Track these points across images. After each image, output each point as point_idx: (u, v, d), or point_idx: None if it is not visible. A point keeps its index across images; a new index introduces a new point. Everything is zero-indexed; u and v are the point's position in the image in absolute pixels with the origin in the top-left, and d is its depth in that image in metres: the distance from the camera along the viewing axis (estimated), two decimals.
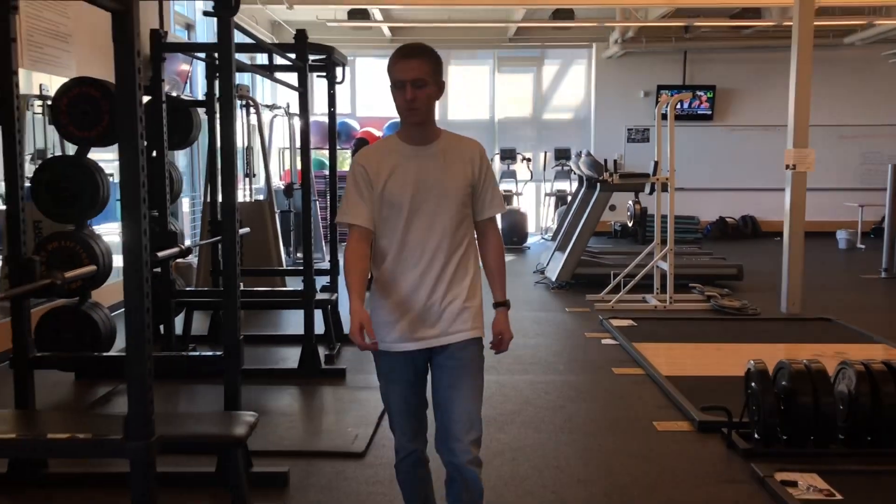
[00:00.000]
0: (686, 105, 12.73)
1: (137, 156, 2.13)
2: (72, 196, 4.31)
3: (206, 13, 2.93)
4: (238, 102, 7.57)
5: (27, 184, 3.95)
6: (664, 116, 7.43)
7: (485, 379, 2.41)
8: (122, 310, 2.08)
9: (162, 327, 5.16)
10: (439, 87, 2.27)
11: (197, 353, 5.29)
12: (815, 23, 6.79)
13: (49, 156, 5.79)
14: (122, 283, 2.05)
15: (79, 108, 4.31)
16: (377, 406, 4.10)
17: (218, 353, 3.31)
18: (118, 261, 3.22)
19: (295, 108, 9.79)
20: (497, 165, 12.43)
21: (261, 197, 8.71)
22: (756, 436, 3.60)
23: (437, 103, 2.36)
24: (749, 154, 12.64)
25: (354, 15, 10.73)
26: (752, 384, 3.63)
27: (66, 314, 4.40)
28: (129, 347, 2.15)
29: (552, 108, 13.72)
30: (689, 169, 11.78)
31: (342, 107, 11.37)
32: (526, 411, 4.20)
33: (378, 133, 12.68)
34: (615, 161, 9.41)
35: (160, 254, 4.43)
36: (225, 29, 3.01)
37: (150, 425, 2.17)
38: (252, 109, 8.01)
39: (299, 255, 8.98)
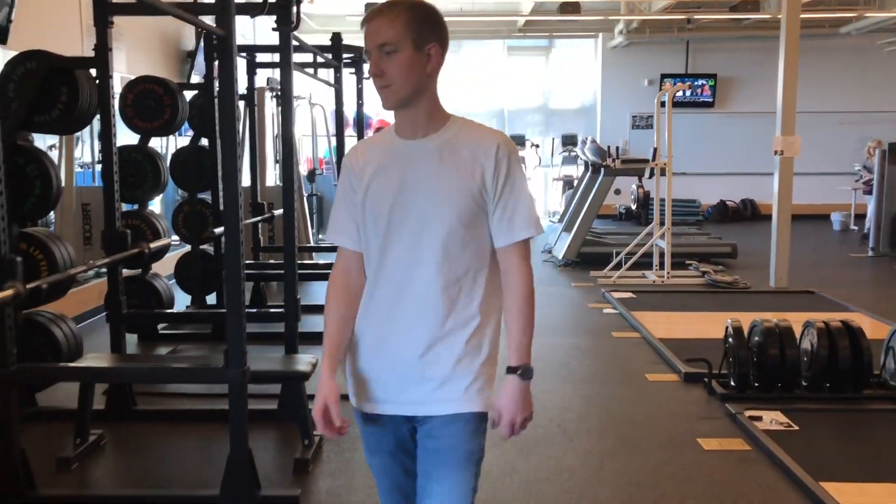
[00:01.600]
0: (689, 93, 13.28)
1: (235, 147, 2.77)
2: (137, 180, 4.97)
3: (274, 29, 3.55)
4: (269, 94, 8.21)
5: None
6: (663, 104, 8.02)
7: None
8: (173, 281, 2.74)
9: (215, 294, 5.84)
10: (426, 53, 1.61)
11: (264, 310, 6.02)
12: (808, 15, 7.33)
13: None
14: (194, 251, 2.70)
15: (143, 103, 4.96)
16: None
17: (280, 308, 3.97)
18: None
19: (315, 99, 10.44)
20: None
21: None
22: (732, 383, 4.23)
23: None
24: (749, 140, 13.19)
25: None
26: (730, 340, 4.26)
27: (134, 283, 5.05)
28: (228, 297, 2.82)
29: (559, 96, 14.30)
30: (691, 154, 12.37)
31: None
32: (535, 366, 4.82)
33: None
34: (618, 147, 9.99)
35: (216, 230, 5.08)
36: (285, 40, 3.64)
37: (244, 357, 2.82)
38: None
39: (321, 235, 9.67)
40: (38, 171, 3.51)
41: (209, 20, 2.81)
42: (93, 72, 3.83)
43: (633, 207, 11.14)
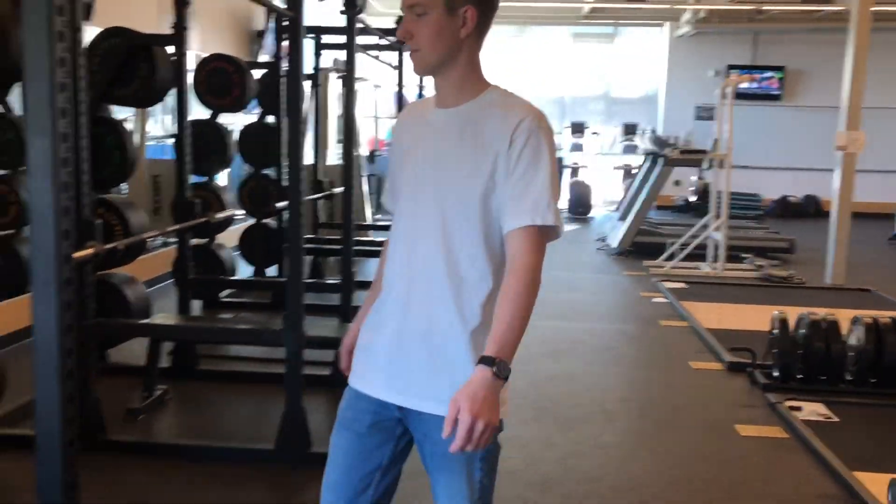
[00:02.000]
0: (755, 85, 13.05)
1: (299, 126, 2.95)
2: (207, 153, 5.21)
3: (342, 12, 3.73)
4: (334, 75, 8.42)
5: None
6: (726, 95, 7.96)
7: (541, 326, 2.01)
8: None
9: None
10: (460, 17, 1.47)
11: (323, 281, 6.27)
12: (881, 7, 7.16)
13: None
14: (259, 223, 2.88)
15: (215, 80, 5.20)
16: None
17: (337, 281, 4.16)
18: None
19: (378, 81, 10.63)
20: (566, 138, 13.03)
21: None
22: (775, 374, 4.26)
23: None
24: (815, 135, 12.88)
25: None
26: (775, 331, 4.29)
27: (200, 252, 5.31)
28: (289, 265, 3.00)
29: (622, 85, 14.21)
30: (755, 148, 12.18)
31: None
32: (578, 349, 4.93)
33: None
34: (676, 138, 9.93)
35: (278, 204, 5.31)
36: (351, 23, 3.81)
37: (302, 321, 3.01)
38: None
39: (378, 214, 9.88)
40: (117, 142, 3.76)
41: (279, 2, 2.98)
42: (169, 49, 4.06)
43: (693, 199, 11.07)
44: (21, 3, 1.48)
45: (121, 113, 6.44)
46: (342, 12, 3.74)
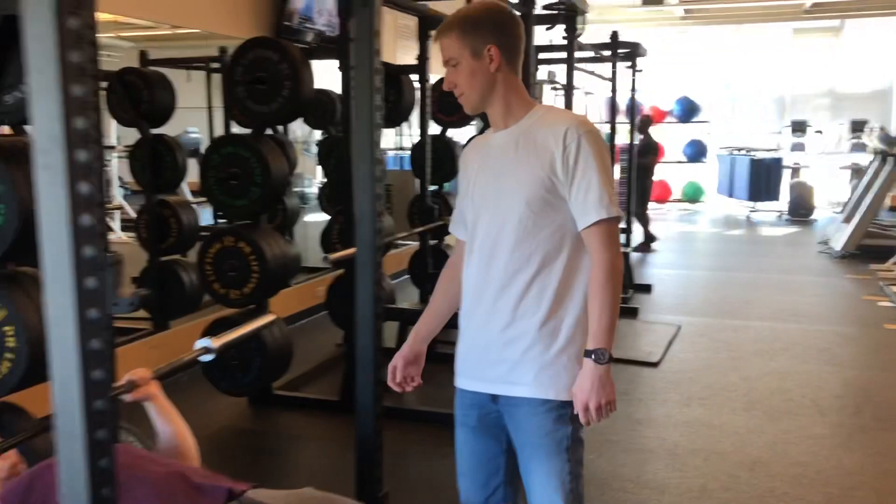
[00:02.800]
0: None
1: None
2: (439, 164, 5.85)
3: (563, 37, 4.18)
4: (547, 86, 8.91)
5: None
6: None
7: (755, 326, 2.20)
8: None
9: None
10: (486, 57, 1.70)
11: None
12: None
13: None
14: None
15: (445, 100, 5.83)
16: (668, 334, 5.18)
17: None
18: None
19: (589, 88, 10.97)
20: (786, 138, 12.57)
21: None
22: None
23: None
24: None
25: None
26: None
27: (434, 251, 5.98)
28: None
29: (849, 80, 13.43)
30: None
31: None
32: (794, 349, 5.00)
33: (664, 109, 13.43)
34: None
35: None
36: (570, 46, 4.25)
37: None
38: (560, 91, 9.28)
39: None
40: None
41: None
42: (412, 76, 4.73)
43: None
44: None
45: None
46: (564, 38, 4.19)
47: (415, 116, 5.20)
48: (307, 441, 3.66)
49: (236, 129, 4.81)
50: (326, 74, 4.33)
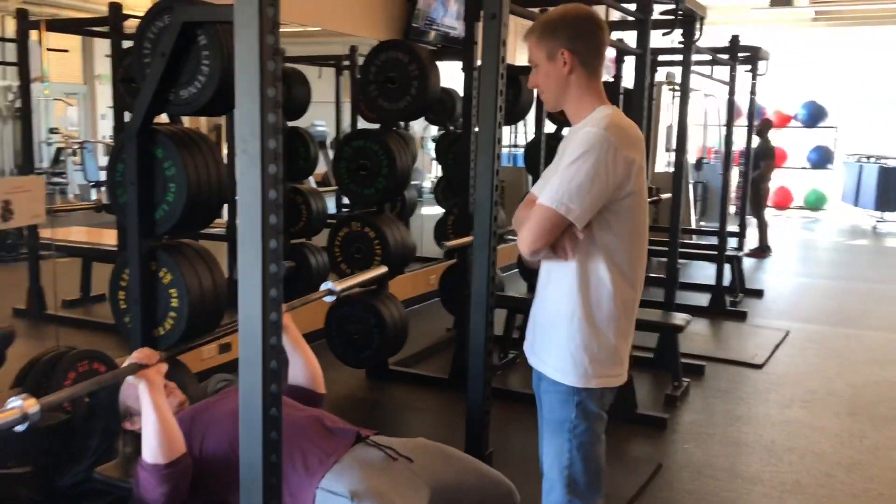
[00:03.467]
0: None
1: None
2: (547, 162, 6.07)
3: (680, 43, 4.29)
4: (665, 87, 8.92)
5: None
6: None
7: (868, 336, 2.19)
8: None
9: None
10: (560, 60, 1.83)
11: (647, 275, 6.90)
12: None
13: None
14: None
15: None
16: (775, 338, 5.20)
17: (661, 277, 4.73)
18: None
19: (708, 90, 10.84)
20: None
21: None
22: None
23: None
24: None
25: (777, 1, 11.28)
26: None
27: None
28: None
29: None
30: None
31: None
32: None
33: (788, 113, 13.04)
34: None
35: None
36: (688, 51, 4.35)
37: None
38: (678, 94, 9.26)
39: (702, 221, 10.13)
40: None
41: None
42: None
43: None
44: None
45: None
46: (680, 43, 4.30)
47: (530, 115, 5.45)
48: (418, 412, 3.96)
49: (361, 123, 5.16)
50: (445, 73, 4.62)
